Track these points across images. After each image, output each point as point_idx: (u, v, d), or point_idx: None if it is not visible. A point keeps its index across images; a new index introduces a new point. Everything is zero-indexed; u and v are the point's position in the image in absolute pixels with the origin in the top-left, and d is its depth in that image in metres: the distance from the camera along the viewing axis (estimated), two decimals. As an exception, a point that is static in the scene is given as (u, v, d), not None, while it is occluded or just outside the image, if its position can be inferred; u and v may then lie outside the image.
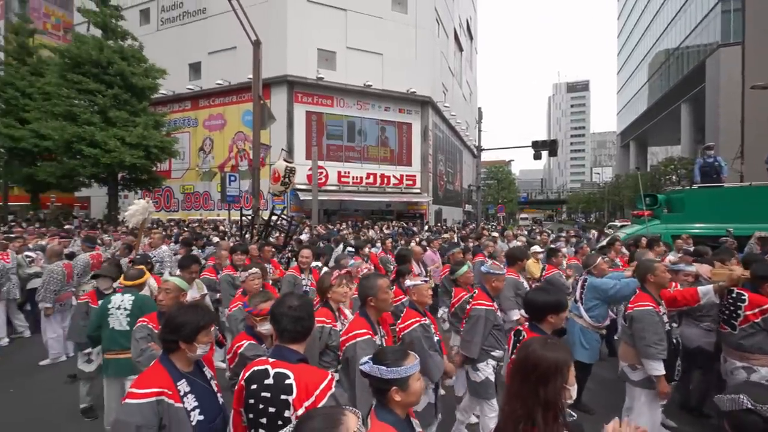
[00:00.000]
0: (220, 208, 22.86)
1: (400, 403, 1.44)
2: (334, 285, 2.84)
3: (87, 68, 16.26)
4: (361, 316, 2.42)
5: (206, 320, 1.76)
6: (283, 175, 9.73)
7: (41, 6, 32.28)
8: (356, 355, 2.16)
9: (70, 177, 17.43)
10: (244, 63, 20.59)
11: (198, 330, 1.71)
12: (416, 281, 2.85)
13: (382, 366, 1.43)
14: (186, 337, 1.69)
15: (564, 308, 2.22)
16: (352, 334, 2.29)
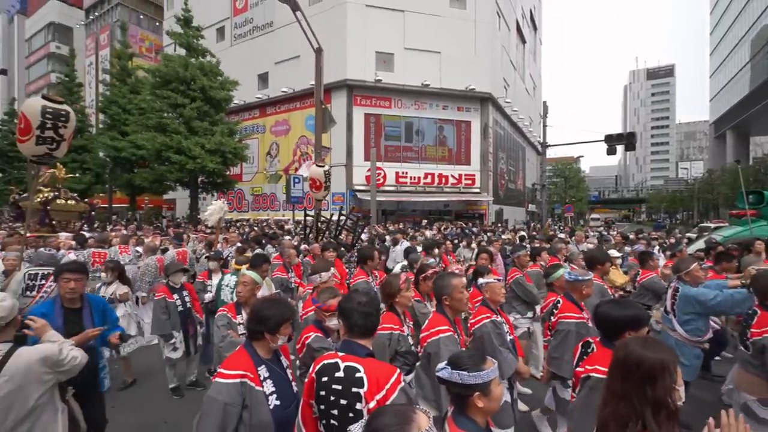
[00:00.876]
0: (285, 209, 24.24)
1: (482, 409, 1.42)
2: (402, 289, 2.80)
3: (174, 85, 18.21)
4: (440, 314, 2.42)
5: (288, 314, 1.94)
6: (324, 180, 10.03)
7: (137, 32, 36.88)
8: (440, 351, 2.17)
9: (160, 181, 19.66)
10: (307, 70, 21.64)
11: (281, 323, 1.88)
12: (489, 279, 2.80)
13: (462, 371, 1.42)
14: (270, 329, 1.86)
15: (645, 323, 2.01)
16: (434, 330, 2.28)
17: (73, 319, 2.67)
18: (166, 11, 32.25)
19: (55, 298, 2.75)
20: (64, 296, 2.68)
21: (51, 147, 3.24)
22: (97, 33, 39.66)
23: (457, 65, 22.97)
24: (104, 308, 2.94)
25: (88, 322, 2.70)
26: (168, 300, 4.11)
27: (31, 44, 48.42)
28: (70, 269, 2.73)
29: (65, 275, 2.68)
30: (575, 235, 10.03)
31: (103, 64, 35.15)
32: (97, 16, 41.31)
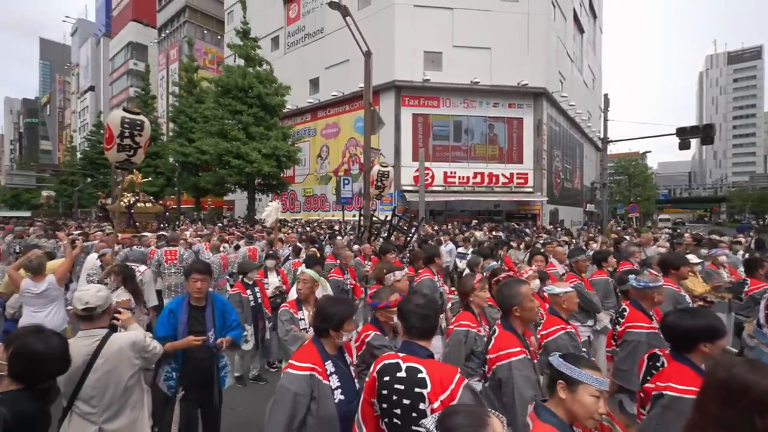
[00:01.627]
0: (335, 209, 24.91)
1: (565, 402, 1.42)
2: (477, 288, 2.79)
3: (234, 93, 19.48)
4: (507, 330, 2.18)
5: (350, 311, 2.04)
6: (376, 179, 10.12)
7: (202, 46, 39.89)
8: (513, 376, 1.99)
9: (222, 184, 21.13)
10: (356, 74, 22.07)
11: (344, 320, 1.98)
12: (565, 288, 2.60)
13: (562, 361, 1.46)
14: (335, 326, 1.96)
15: (721, 335, 1.82)
16: (504, 353, 2.07)
17: (196, 316, 2.84)
18: (227, 25, 34.57)
19: (185, 296, 2.94)
20: (192, 295, 2.86)
21: (129, 154, 3.64)
22: (167, 49, 43.56)
23: (508, 61, 22.18)
24: (224, 309, 3.00)
25: (209, 320, 2.85)
26: (242, 295, 4.35)
27: (113, 63, 54.31)
28: (198, 270, 2.85)
29: (193, 275, 2.82)
30: (640, 237, 9.22)
31: (172, 78, 38.54)
32: (167, 33, 45.36)
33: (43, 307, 4.09)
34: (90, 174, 35.96)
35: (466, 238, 9.15)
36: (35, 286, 4.04)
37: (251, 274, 4.54)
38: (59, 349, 1.63)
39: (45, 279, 4.06)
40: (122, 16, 52.73)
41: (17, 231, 10.33)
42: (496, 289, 2.49)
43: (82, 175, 36.58)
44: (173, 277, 6.03)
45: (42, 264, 4.32)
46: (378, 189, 9.71)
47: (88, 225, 13.80)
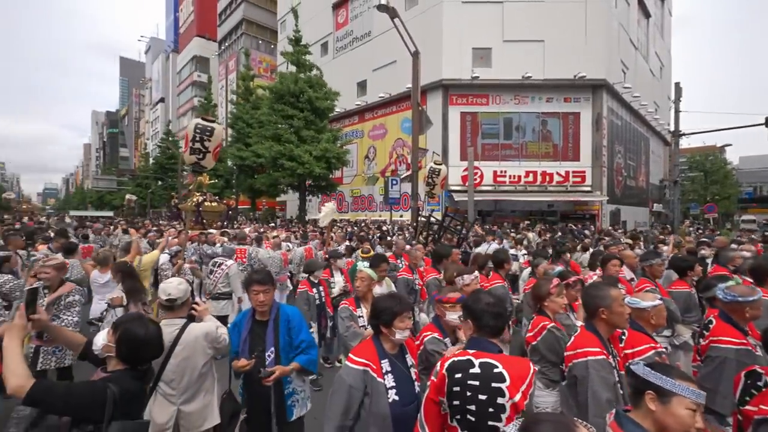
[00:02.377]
0: (382, 210, 25.12)
1: (655, 415, 1.32)
2: (553, 294, 2.71)
3: (287, 99, 20.38)
4: (590, 331, 2.10)
5: (401, 308, 2.00)
6: (427, 176, 10.02)
7: (257, 55, 42.15)
8: (589, 375, 1.93)
9: (275, 185, 22.18)
10: (403, 74, 22.11)
11: (394, 316, 1.96)
12: (653, 301, 2.33)
13: (650, 370, 1.37)
14: (385, 322, 1.98)
15: None
16: (582, 351, 2.01)
17: (258, 332, 2.51)
18: (280, 34, 36.25)
19: (250, 309, 2.60)
20: (255, 308, 2.53)
21: (199, 157, 3.96)
22: (226, 60, 46.60)
23: (563, 52, 21.01)
24: (291, 324, 2.54)
25: (269, 337, 2.48)
26: (309, 293, 4.45)
27: (180, 75, 59.18)
28: (258, 280, 2.48)
29: (253, 287, 2.47)
30: (715, 240, 8.15)
31: (231, 86, 41.14)
32: (227, 46, 48.55)
33: (105, 296, 4.60)
34: (160, 177, 39.51)
35: (518, 240, 8.76)
36: (101, 277, 4.59)
37: (318, 272, 4.62)
38: (156, 336, 1.78)
39: (106, 273, 4.59)
40: (188, 32, 57.29)
41: (100, 229, 11.68)
42: (583, 290, 2.34)
43: (153, 178, 40.27)
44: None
45: (107, 258, 4.85)
46: (429, 186, 9.64)
47: (161, 224, 15.17)
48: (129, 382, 1.67)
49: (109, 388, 1.58)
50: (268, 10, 43.66)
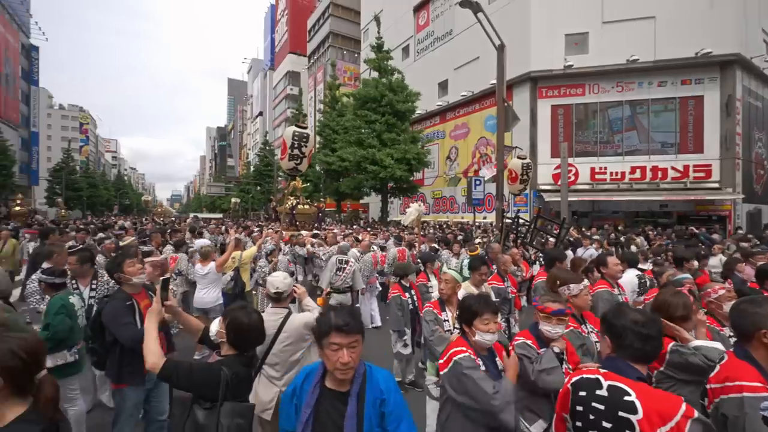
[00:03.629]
0: (464, 211, 24.43)
1: None
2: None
3: (369, 104, 21.04)
4: (742, 359, 1.69)
5: (482, 308, 1.95)
6: (520, 173, 9.34)
7: (342, 65, 44.46)
8: (745, 416, 1.54)
9: (359, 188, 23.04)
10: (487, 71, 21.25)
11: (474, 315, 1.93)
12: None
13: None
14: (465, 320, 1.97)
15: None
16: (735, 385, 1.59)
17: (329, 410, 1.54)
18: (363, 43, 37.69)
19: (319, 367, 1.63)
20: (332, 371, 1.52)
21: (297, 162, 4.22)
22: (315, 73, 50.02)
23: (681, 27, 18.06)
24: (385, 406, 1.54)
25: (350, 424, 1.49)
26: (402, 298, 4.26)
27: (276, 90, 65.26)
28: (343, 327, 1.49)
29: (334, 338, 1.49)
30: None
31: (319, 96, 44.03)
32: (315, 59, 52.13)
33: (205, 287, 5.16)
34: (259, 182, 44.01)
35: (625, 243, 7.69)
36: (201, 269, 5.15)
37: (410, 276, 4.47)
38: (258, 323, 1.91)
39: (209, 264, 5.13)
40: (282, 50, 62.96)
41: (213, 229, 13.36)
42: (733, 307, 1.87)
43: (254, 183, 44.99)
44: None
45: (209, 252, 5.43)
46: (523, 183, 9.06)
47: (260, 224, 16.85)
48: (238, 366, 1.81)
49: (223, 371, 1.72)
50: (353, 21, 45.76)
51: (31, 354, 1.28)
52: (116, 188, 65.57)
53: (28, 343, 1.29)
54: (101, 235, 8.30)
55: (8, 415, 1.23)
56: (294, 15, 58.65)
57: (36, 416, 1.26)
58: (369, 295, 6.75)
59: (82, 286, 3.59)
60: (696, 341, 2.10)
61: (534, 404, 2.16)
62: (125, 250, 3.49)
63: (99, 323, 2.70)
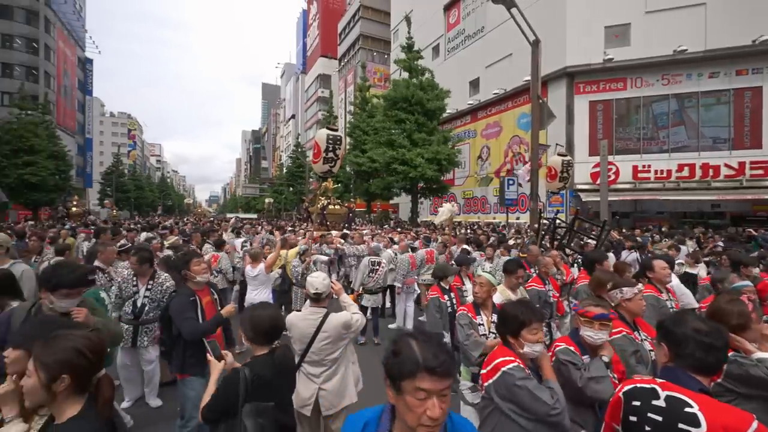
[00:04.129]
0: (496, 212, 23.90)
1: None
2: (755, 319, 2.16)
3: (399, 104, 21.02)
4: None
5: (529, 316, 1.81)
6: (560, 170, 9.00)
7: (372, 67, 44.75)
8: None
9: (389, 189, 23.07)
10: (520, 67, 20.67)
11: (521, 325, 1.80)
12: None
13: None
14: (511, 331, 1.82)
15: None
16: None
17: None
18: (393, 43, 37.76)
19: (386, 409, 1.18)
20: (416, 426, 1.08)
21: (331, 165, 4.29)
22: (345, 75, 50.66)
23: (735, 14, 16.78)
24: None
25: None
26: (441, 300, 4.15)
27: (307, 93, 66.66)
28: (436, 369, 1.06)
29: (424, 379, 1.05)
30: None
31: (349, 98, 44.55)
32: (345, 62, 52.79)
33: (255, 288, 5.24)
34: (291, 183, 45.12)
35: (673, 245, 7.22)
36: (252, 270, 5.25)
37: (449, 278, 4.37)
38: (271, 315, 2.01)
39: (258, 266, 5.22)
40: (313, 54, 64.22)
41: (248, 229, 13.82)
42: None
43: (286, 185, 46.19)
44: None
45: (258, 254, 5.54)
46: (563, 181, 8.75)
47: (293, 225, 17.29)
48: (264, 369, 1.86)
49: (242, 372, 1.81)
50: (382, 22, 45.95)
51: (96, 354, 1.32)
52: (160, 190, 69.45)
53: (93, 342, 1.34)
54: (148, 235, 8.80)
55: (68, 412, 1.27)
56: (325, 19, 59.69)
57: (93, 414, 1.30)
58: (405, 296, 6.69)
59: (141, 284, 3.74)
60: (759, 353, 1.94)
61: (578, 414, 2.06)
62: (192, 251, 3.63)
63: (167, 317, 2.88)
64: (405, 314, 6.66)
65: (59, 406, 1.28)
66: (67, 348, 1.27)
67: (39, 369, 1.25)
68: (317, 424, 2.72)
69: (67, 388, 1.26)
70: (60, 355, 1.25)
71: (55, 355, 1.25)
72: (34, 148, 26.42)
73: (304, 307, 2.82)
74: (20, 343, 1.62)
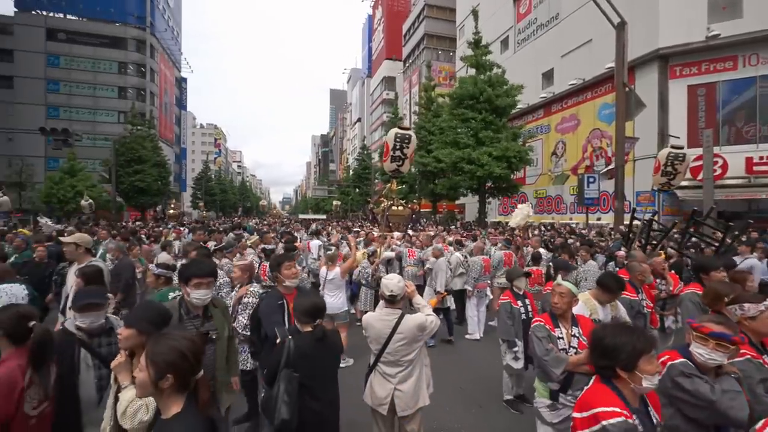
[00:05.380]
0: (573, 212, 22.16)
1: None
2: None
3: (466, 102, 20.45)
4: None
5: (646, 343, 1.53)
6: (663, 163, 7.99)
7: (437, 66, 44.22)
8: None
9: (455, 189, 22.58)
10: (601, 54, 18.91)
11: (638, 355, 1.51)
12: None
13: None
14: (624, 364, 1.52)
15: None
16: None
17: None
18: (458, 40, 36.93)
19: None
20: None
21: (399, 164, 4.29)
22: (410, 76, 50.76)
23: None
24: None
25: None
26: (513, 306, 3.94)
27: (372, 96, 68.07)
28: None
29: None
30: None
31: (414, 99, 44.55)
32: (410, 62, 52.92)
33: (331, 291, 5.14)
34: (357, 185, 46.45)
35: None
36: (328, 274, 5.24)
37: (518, 281, 4.08)
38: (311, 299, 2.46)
39: (334, 269, 5.23)
40: (379, 57, 65.42)
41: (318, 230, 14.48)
42: None
43: (352, 186, 47.66)
44: None
45: (334, 257, 5.66)
46: (667, 176, 7.79)
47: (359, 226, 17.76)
48: (306, 342, 2.27)
49: (287, 342, 2.25)
50: (447, 20, 45.22)
51: (196, 356, 1.41)
52: (240, 193, 76.12)
53: (195, 345, 1.42)
54: (233, 235, 9.65)
55: (173, 409, 1.36)
56: (390, 22, 60.46)
57: (194, 412, 1.37)
58: (477, 300, 6.40)
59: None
60: None
61: None
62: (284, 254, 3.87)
63: (257, 317, 3.02)
64: (478, 320, 6.42)
65: (165, 402, 1.37)
66: (173, 349, 1.37)
67: (149, 366, 1.35)
68: (392, 424, 2.77)
69: (171, 386, 1.35)
70: (167, 355, 1.35)
71: (163, 355, 1.35)
72: (142, 158, 30.76)
73: (378, 307, 2.85)
74: (132, 323, 1.91)
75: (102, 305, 2.30)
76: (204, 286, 2.50)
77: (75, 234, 4.49)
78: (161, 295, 3.37)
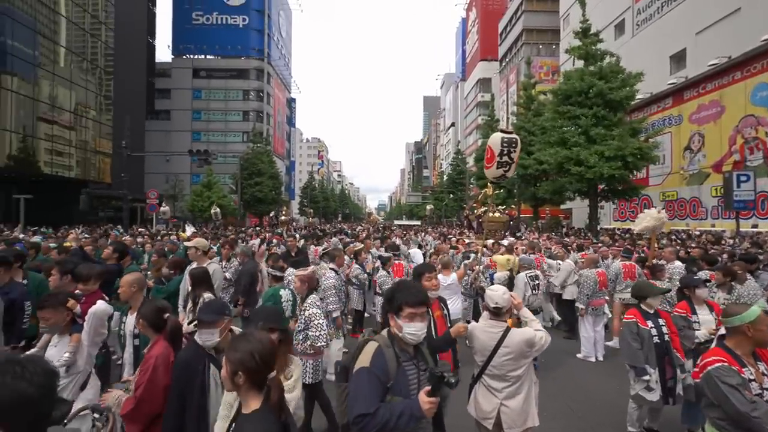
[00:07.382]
0: (715, 217, 18.50)
1: None
2: None
3: (573, 98, 18.64)
4: None
5: None
6: None
7: (537, 61, 41.38)
8: None
9: (560, 192, 20.71)
10: (753, 25, 15.54)
11: None
12: None
13: None
14: None
15: None
16: None
17: None
18: (563, 31, 34.04)
19: None
20: None
21: (505, 169, 4.15)
22: (507, 75, 48.39)
23: None
24: None
25: None
26: (640, 326, 3.39)
27: (467, 100, 66.71)
28: None
29: None
30: None
31: (511, 99, 42.35)
32: (507, 61, 50.48)
33: (449, 297, 4.98)
34: (452, 190, 45.87)
35: None
36: (445, 279, 5.26)
37: (651, 299, 3.45)
38: None
39: (450, 274, 5.25)
40: (473, 59, 63.99)
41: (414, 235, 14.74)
42: None
43: (447, 192, 47.24)
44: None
45: (449, 262, 5.68)
46: None
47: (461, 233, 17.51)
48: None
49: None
50: (548, 11, 42.07)
51: (265, 358, 1.47)
52: (340, 200, 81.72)
53: (264, 348, 1.49)
54: (335, 240, 10.42)
55: (251, 405, 1.44)
56: (484, 22, 58.76)
57: (269, 410, 1.43)
58: (593, 318, 5.68)
59: None
60: None
61: None
62: (424, 264, 4.03)
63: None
64: (595, 341, 5.71)
65: (243, 398, 1.47)
66: (245, 350, 1.45)
67: (226, 362, 1.47)
68: None
69: (245, 383, 1.43)
70: (239, 354, 1.44)
71: (236, 354, 1.45)
72: (261, 171, 35.80)
73: (481, 318, 2.80)
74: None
75: (214, 323, 2.19)
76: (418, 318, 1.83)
77: (194, 239, 5.42)
78: (273, 291, 3.87)
